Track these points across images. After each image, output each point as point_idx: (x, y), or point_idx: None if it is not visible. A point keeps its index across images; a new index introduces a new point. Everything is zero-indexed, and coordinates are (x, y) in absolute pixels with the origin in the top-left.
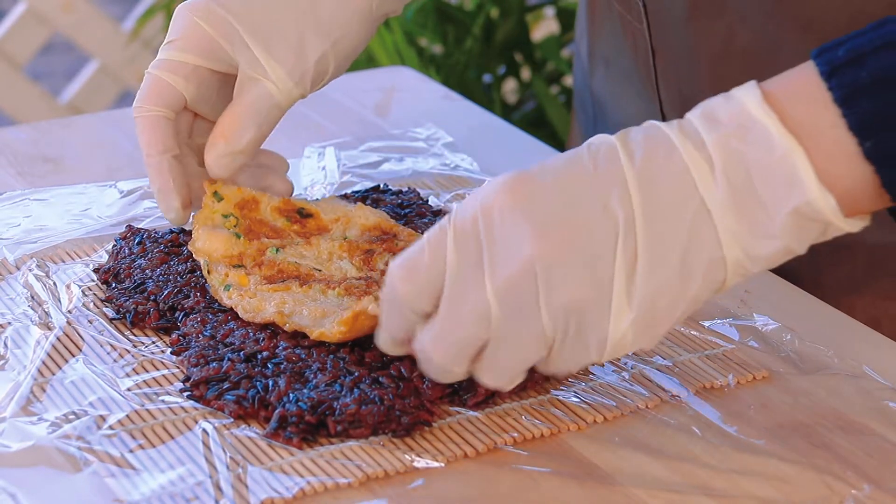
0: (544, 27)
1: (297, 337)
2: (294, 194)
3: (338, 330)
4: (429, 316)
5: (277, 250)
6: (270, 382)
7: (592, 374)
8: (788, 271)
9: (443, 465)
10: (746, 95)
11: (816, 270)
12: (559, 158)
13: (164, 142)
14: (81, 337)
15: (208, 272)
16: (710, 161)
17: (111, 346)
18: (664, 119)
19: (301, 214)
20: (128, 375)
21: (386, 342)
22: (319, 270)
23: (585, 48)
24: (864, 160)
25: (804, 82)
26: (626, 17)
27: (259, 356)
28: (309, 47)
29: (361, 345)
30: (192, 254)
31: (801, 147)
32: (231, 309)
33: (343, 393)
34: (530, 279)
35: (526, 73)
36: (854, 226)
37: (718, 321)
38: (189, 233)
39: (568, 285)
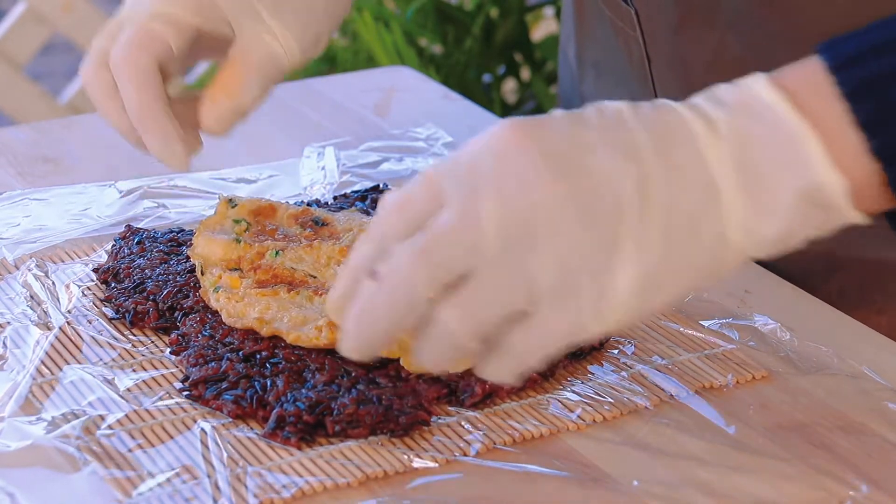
0: (544, 27)
1: None
2: (293, 194)
3: (314, 335)
4: None
5: (277, 253)
6: (269, 382)
7: (592, 373)
8: None
9: (442, 465)
10: (754, 81)
11: (811, 285)
12: (566, 114)
13: (158, 88)
14: (81, 337)
15: (202, 273)
16: (719, 137)
17: (110, 345)
18: None
19: (317, 223)
20: (127, 375)
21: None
22: (315, 277)
23: (573, 52)
24: (871, 157)
25: (811, 75)
26: (618, 24)
27: (257, 356)
28: (313, 18)
29: None
30: None
31: (811, 128)
32: None
33: (341, 393)
34: (537, 218)
35: (526, 73)
36: (860, 218)
37: (718, 321)
38: (190, 232)
39: (573, 234)
